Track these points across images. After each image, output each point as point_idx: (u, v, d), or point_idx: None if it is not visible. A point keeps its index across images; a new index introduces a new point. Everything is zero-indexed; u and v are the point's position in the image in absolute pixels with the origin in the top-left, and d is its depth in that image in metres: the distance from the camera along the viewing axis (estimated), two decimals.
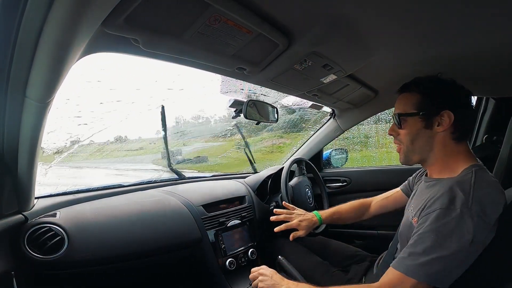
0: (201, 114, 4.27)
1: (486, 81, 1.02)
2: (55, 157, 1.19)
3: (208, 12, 0.53)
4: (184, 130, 3.53)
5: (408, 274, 0.60)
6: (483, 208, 0.57)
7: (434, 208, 0.61)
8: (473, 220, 0.56)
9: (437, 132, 0.69)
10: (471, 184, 0.61)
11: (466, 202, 0.58)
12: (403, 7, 0.57)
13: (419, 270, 0.59)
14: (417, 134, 0.71)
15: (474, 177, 0.63)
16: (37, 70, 0.49)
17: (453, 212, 0.58)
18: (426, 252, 0.59)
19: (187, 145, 3.47)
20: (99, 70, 1.10)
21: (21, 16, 0.42)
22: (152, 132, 2.60)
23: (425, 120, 0.70)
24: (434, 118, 0.69)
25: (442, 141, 0.70)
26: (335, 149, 1.88)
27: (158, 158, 2.70)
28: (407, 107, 0.73)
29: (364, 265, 0.98)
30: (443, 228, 0.58)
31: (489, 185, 0.62)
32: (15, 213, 0.75)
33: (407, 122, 0.73)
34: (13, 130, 0.60)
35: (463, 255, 0.57)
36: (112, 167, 2.63)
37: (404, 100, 0.74)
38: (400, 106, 0.75)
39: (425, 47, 0.77)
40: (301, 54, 0.76)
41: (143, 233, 0.93)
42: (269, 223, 1.35)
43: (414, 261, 0.60)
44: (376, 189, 1.54)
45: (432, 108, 0.69)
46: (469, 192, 0.59)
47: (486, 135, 1.28)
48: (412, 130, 0.72)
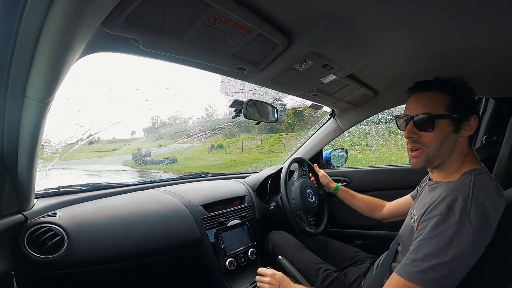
0: (179, 115, 4.30)
1: (486, 81, 1.02)
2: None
3: (208, 12, 0.54)
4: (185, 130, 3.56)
5: (412, 281, 0.59)
6: (483, 211, 0.57)
7: (434, 214, 0.61)
8: (472, 225, 0.56)
9: (460, 137, 0.67)
10: (469, 189, 0.60)
11: (465, 207, 0.58)
12: (403, 7, 0.57)
13: (422, 276, 0.58)
14: (445, 138, 0.67)
15: (473, 181, 0.62)
16: (37, 70, 0.50)
17: (452, 218, 0.58)
18: (427, 259, 0.58)
19: (163, 146, 3.51)
20: (98, 70, 1.10)
21: (21, 16, 0.42)
22: (127, 133, 2.63)
23: (455, 124, 0.66)
24: (463, 122, 0.67)
25: (461, 145, 0.68)
26: (335, 149, 1.88)
27: (128, 159, 2.73)
28: (436, 107, 0.66)
29: (364, 267, 0.98)
30: (443, 234, 0.58)
31: (488, 189, 0.62)
32: (15, 213, 0.75)
33: (438, 125, 0.66)
34: (13, 130, 0.60)
35: (465, 259, 0.57)
36: (81, 168, 2.65)
37: (434, 99, 0.68)
38: (423, 106, 0.68)
39: (425, 47, 0.77)
40: (301, 54, 0.76)
41: (143, 233, 0.93)
42: (269, 223, 1.35)
43: (416, 267, 0.59)
44: (376, 189, 1.55)
45: (464, 111, 0.66)
46: (468, 196, 0.59)
47: (486, 136, 1.27)
48: (442, 133, 0.66)
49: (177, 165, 3.40)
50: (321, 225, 1.29)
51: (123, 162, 2.98)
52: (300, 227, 1.18)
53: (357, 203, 1.17)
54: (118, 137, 3.17)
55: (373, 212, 1.12)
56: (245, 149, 4.06)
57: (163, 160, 3.22)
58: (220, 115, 4.53)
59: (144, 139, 2.60)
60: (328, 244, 1.22)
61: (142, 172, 2.63)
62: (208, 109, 4.68)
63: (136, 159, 3.19)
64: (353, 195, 1.19)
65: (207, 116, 4.36)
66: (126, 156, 2.98)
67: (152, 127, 3.54)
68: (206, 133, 2.82)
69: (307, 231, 1.19)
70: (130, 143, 3.05)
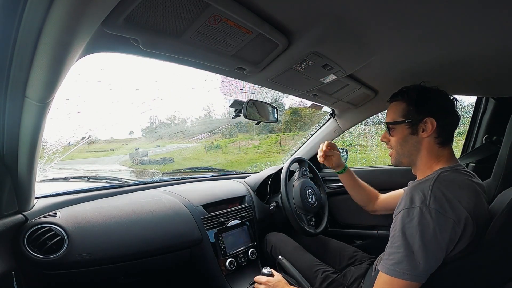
0: (177, 115, 4.30)
1: (486, 81, 1.02)
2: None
3: (208, 12, 0.54)
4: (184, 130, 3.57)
5: (389, 273, 0.62)
6: (441, 204, 0.61)
7: (400, 209, 0.66)
8: (431, 216, 0.60)
9: (423, 138, 0.75)
10: (430, 184, 0.65)
11: (424, 200, 0.62)
12: (403, 7, 0.57)
13: (396, 268, 0.61)
14: (404, 140, 0.77)
15: (436, 177, 0.67)
16: (37, 70, 0.50)
17: (414, 210, 0.63)
18: (398, 251, 0.62)
19: (161, 146, 3.53)
20: (99, 70, 1.09)
21: (21, 16, 0.42)
22: (125, 133, 2.62)
23: (410, 127, 0.76)
24: (419, 125, 0.74)
25: (427, 145, 0.75)
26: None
27: (126, 159, 2.74)
28: (395, 115, 0.79)
29: (363, 267, 0.98)
30: (408, 226, 0.62)
31: (450, 184, 0.66)
32: (15, 213, 0.75)
33: (396, 130, 0.79)
34: (13, 130, 0.60)
35: (430, 250, 0.60)
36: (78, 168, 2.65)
37: (392, 109, 0.81)
38: (389, 115, 0.81)
39: (425, 47, 0.77)
40: (301, 54, 0.76)
41: (143, 233, 0.93)
42: (269, 223, 1.35)
43: (391, 260, 0.63)
44: (376, 189, 1.54)
45: (416, 115, 0.75)
46: (427, 191, 0.64)
47: (486, 135, 1.27)
48: (400, 136, 0.78)
49: (174, 165, 3.41)
50: (321, 225, 1.29)
51: (121, 162, 2.99)
52: (300, 227, 1.18)
53: (357, 188, 1.15)
54: (116, 137, 3.17)
55: (369, 202, 1.13)
56: (242, 149, 4.07)
57: (160, 160, 3.23)
58: (219, 115, 4.54)
59: (142, 139, 2.61)
60: (327, 244, 1.22)
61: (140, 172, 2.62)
62: (207, 109, 4.68)
63: (133, 159, 3.21)
64: (355, 179, 1.17)
65: (206, 117, 4.37)
66: (124, 156, 2.98)
67: (150, 127, 3.55)
68: (204, 134, 2.83)
69: (307, 231, 1.19)
70: (128, 143, 3.05)
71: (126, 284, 0.99)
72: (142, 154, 2.92)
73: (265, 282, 0.87)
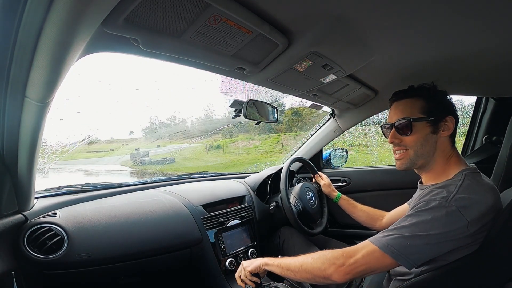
0: (177, 115, 4.29)
1: (486, 81, 1.02)
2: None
3: (208, 12, 0.54)
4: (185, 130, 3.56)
5: (376, 244, 0.63)
6: (464, 204, 0.60)
7: (419, 203, 0.65)
8: (447, 211, 0.59)
9: (440, 137, 0.72)
10: (457, 185, 0.63)
11: (446, 197, 0.61)
12: (403, 7, 0.57)
13: (386, 242, 0.61)
14: (425, 139, 0.72)
15: (462, 180, 0.65)
16: (37, 70, 0.50)
17: (432, 203, 0.62)
18: (397, 230, 0.63)
19: (162, 147, 3.53)
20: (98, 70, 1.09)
21: (21, 16, 0.42)
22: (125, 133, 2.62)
23: (432, 125, 0.71)
24: (440, 123, 0.71)
25: (442, 145, 0.72)
26: (335, 149, 1.88)
27: (126, 159, 2.74)
28: (412, 112, 0.73)
29: None
30: (419, 214, 0.62)
31: (477, 186, 0.64)
32: (15, 213, 0.75)
33: (416, 128, 0.72)
34: (13, 130, 0.60)
35: (429, 239, 0.59)
36: (78, 169, 2.64)
37: (409, 105, 0.74)
38: (405, 111, 0.74)
39: (425, 47, 0.77)
40: (301, 54, 0.76)
41: (143, 233, 0.93)
42: (269, 223, 1.35)
43: (383, 233, 0.64)
44: (376, 189, 1.55)
45: (439, 113, 0.71)
46: (452, 191, 0.62)
47: (486, 136, 1.28)
48: (421, 135, 0.72)
49: (175, 165, 3.40)
50: (321, 225, 1.29)
51: (121, 162, 2.99)
52: (300, 227, 1.18)
53: (357, 212, 1.16)
54: (116, 137, 3.17)
55: (373, 222, 1.12)
56: (243, 149, 4.06)
57: (161, 160, 3.23)
58: (219, 115, 4.54)
59: (142, 139, 2.60)
60: (328, 244, 1.22)
61: (140, 172, 2.61)
62: (207, 109, 4.67)
63: (134, 159, 3.21)
64: (354, 205, 1.18)
65: (206, 117, 4.36)
66: (124, 156, 2.99)
67: (150, 127, 3.54)
68: (205, 134, 2.84)
69: (307, 231, 1.19)
70: (129, 143, 3.05)
71: (126, 284, 0.99)
72: (143, 154, 2.92)
73: (240, 269, 0.86)
